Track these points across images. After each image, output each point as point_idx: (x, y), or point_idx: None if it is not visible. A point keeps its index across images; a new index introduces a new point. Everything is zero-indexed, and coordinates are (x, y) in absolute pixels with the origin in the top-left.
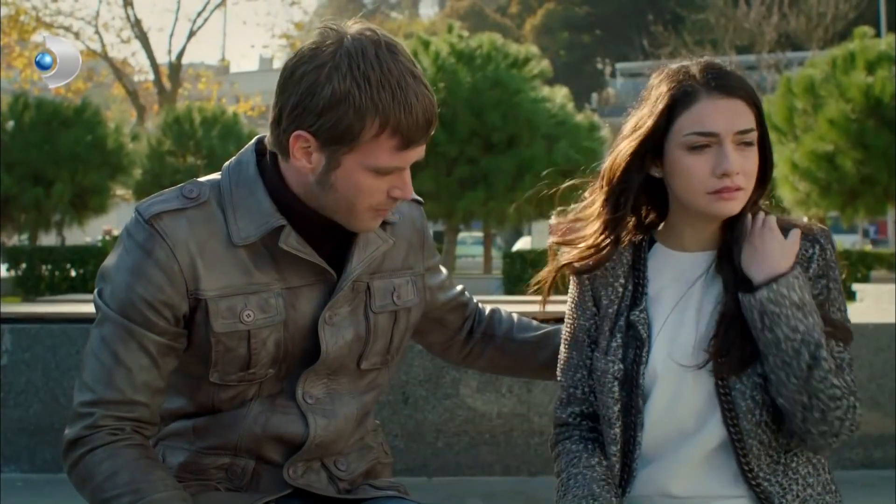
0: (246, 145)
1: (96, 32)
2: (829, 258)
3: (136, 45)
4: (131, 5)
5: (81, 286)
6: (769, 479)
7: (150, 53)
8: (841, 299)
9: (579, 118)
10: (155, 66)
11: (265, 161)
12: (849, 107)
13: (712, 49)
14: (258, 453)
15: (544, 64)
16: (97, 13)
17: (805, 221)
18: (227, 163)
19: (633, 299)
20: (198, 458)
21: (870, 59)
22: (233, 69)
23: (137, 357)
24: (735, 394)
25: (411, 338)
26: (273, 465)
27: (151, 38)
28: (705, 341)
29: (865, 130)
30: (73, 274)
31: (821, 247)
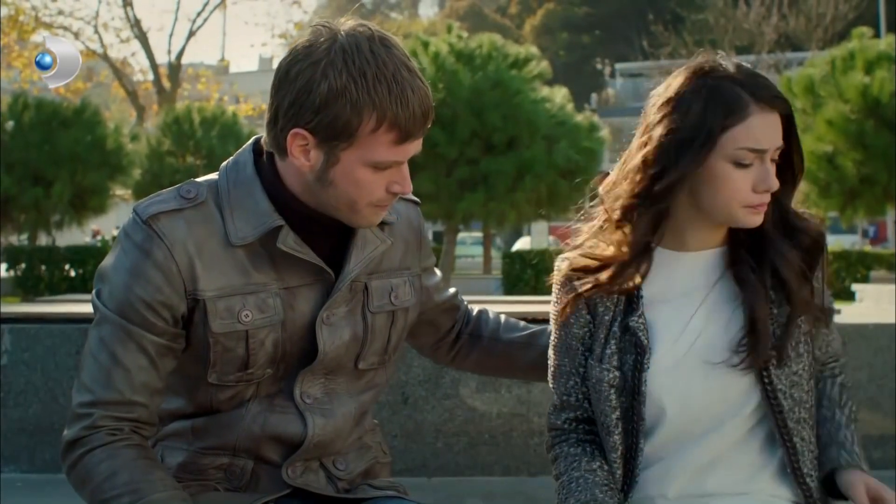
0: (243, 146)
1: (96, 32)
2: (826, 252)
3: (135, 45)
4: (131, 5)
5: (81, 286)
6: (811, 476)
7: (149, 53)
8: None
9: (579, 119)
10: (154, 66)
11: (262, 161)
12: (848, 107)
13: (712, 49)
14: (257, 453)
15: (544, 65)
16: (97, 13)
17: (807, 213)
18: (224, 163)
19: (627, 304)
20: (196, 459)
21: (869, 59)
22: (232, 69)
23: (136, 358)
24: (779, 395)
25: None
26: (272, 464)
27: (151, 39)
28: (734, 340)
29: (864, 131)
30: (72, 274)
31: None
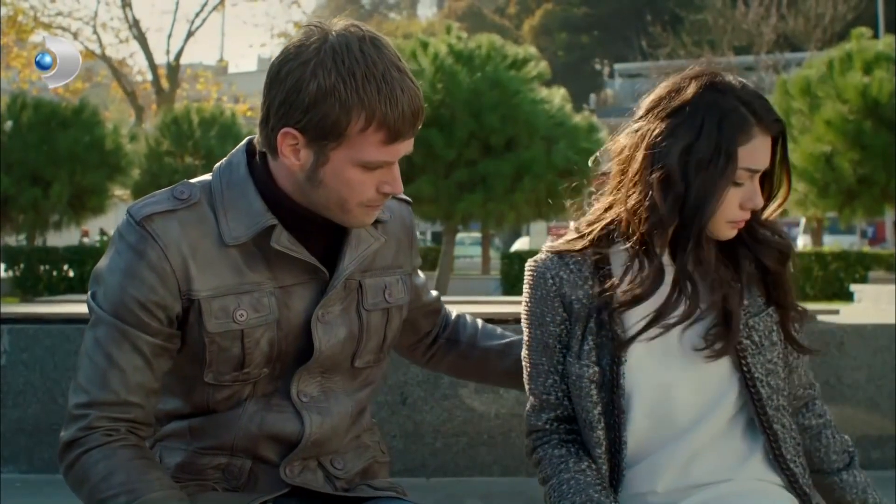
0: (237, 146)
1: (94, 33)
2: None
3: (134, 45)
4: (129, 6)
5: (80, 286)
6: (794, 461)
7: (148, 54)
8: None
9: (578, 119)
10: (153, 66)
11: (256, 161)
12: (846, 107)
13: (711, 50)
14: (254, 453)
15: (543, 65)
16: (95, 14)
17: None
18: (218, 164)
19: (601, 299)
20: (195, 459)
21: (867, 59)
22: (231, 69)
23: (131, 358)
24: (757, 384)
25: None
26: (270, 464)
27: (150, 39)
28: (707, 331)
29: (863, 131)
30: (71, 274)
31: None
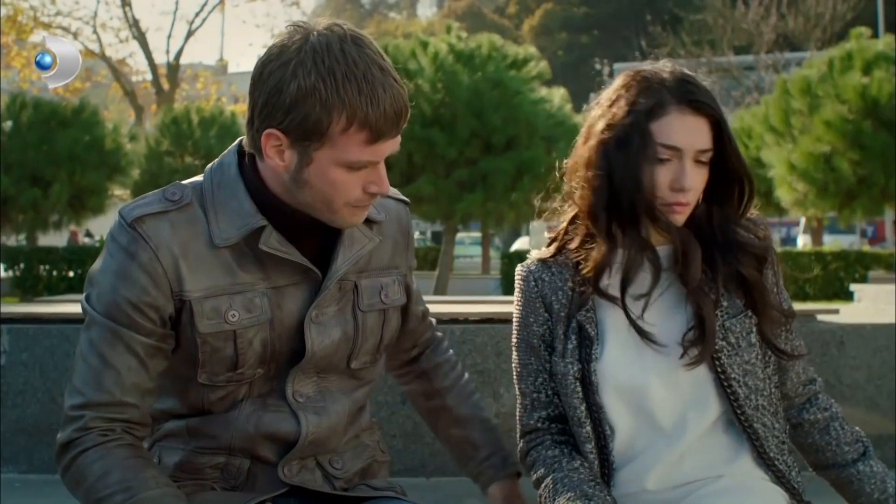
0: (229, 146)
1: (94, 32)
2: (772, 248)
3: (134, 45)
4: (129, 6)
5: (79, 286)
6: (779, 459)
7: (148, 54)
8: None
9: (578, 119)
10: (153, 66)
11: (247, 162)
12: (845, 107)
13: (710, 49)
14: (252, 452)
15: (543, 65)
16: (95, 13)
17: (753, 215)
18: (209, 164)
19: (580, 300)
20: (193, 458)
21: (867, 59)
22: (231, 69)
23: (125, 359)
24: (733, 383)
25: None
26: (268, 463)
27: (149, 39)
28: (682, 336)
29: (862, 131)
30: (70, 274)
31: (768, 238)
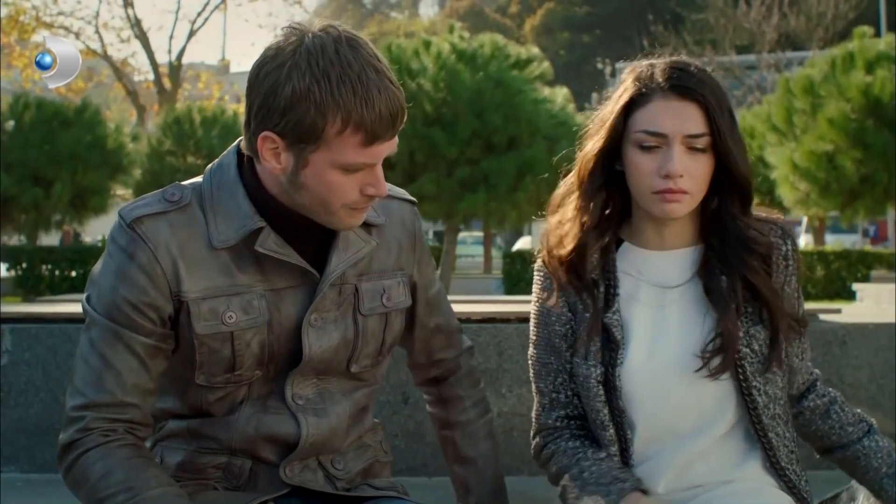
0: (228, 147)
1: (96, 32)
2: (797, 254)
3: (136, 44)
4: (131, 5)
5: (82, 286)
6: (789, 468)
7: (150, 53)
8: (800, 291)
9: (580, 119)
10: (155, 65)
11: (245, 163)
12: (848, 106)
13: (712, 49)
14: (254, 453)
15: (545, 65)
16: (97, 13)
17: (771, 215)
18: (209, 165)
19: (605, 301)
20: (195, 458)
21: (869, 58)
22: (233, 69)
23: (126, 359)
24: (754, 392)
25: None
26: (270, 464)
27: (151, 38)
28: (703, 347)
29: (865, 130)
30: (73, 274)
31: (792, 241)
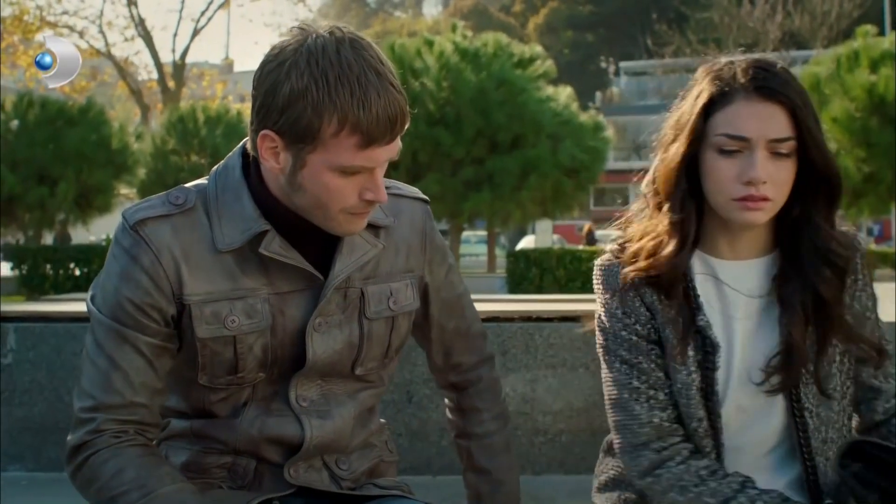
0: (234, 149)
1: (100, 31)
2: (865, 264)
3: (139, 44)
4: (135, 4)
5: (86, 285)
6: (831, 495)
7: (153, 52)
8: (877, 305)
9: (584, 118)
10: (159, 65)
11: (251, 165)
12: (853, 105)
13: (716, 48)
14: (258, 454)
15: (549, 64)
16: (101, 12)
17: (844, 229)
18: (215, 167)
19: (689, 306)
20: (200, 458)
21: (874, 57)
22: (237, 68)
23: (133, 359)
24: (805, 413)
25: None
26: (274, 464)
27: (155, 37)
28: (768, 361)
29: (869, 129)
30: (77, 273)
31: (861, 256)
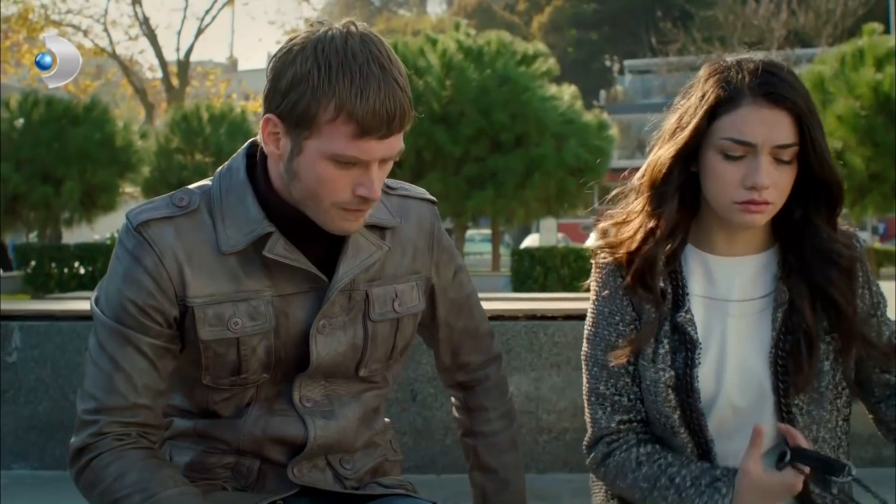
0: (238, 149)
1: (105, 30)
2: (866, 262)
3: (144, 42)
4: (139, 3)
5: (90, 284)
6: (822, 496)
7: (158, 51)
8: (885, 303)
9: (589, 117)
10: (163, 63)
11: (257, 165)
12: (858, 103)
13: (721, 46)
14: (261, 454)
15: (552, 62)
16: (106, 11)
17: (844, 228)
18: (219, 168)
19: (674, 302)
20: (204, 458)
21: (879, 55)
22: (241, 66)
23: (135, 360)
24: (794, 410)
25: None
26: (278, 464)
27: (159, 36)
28: (769, 363)
29: (874, 127)
30: (81, 271)
31: (861, 253)
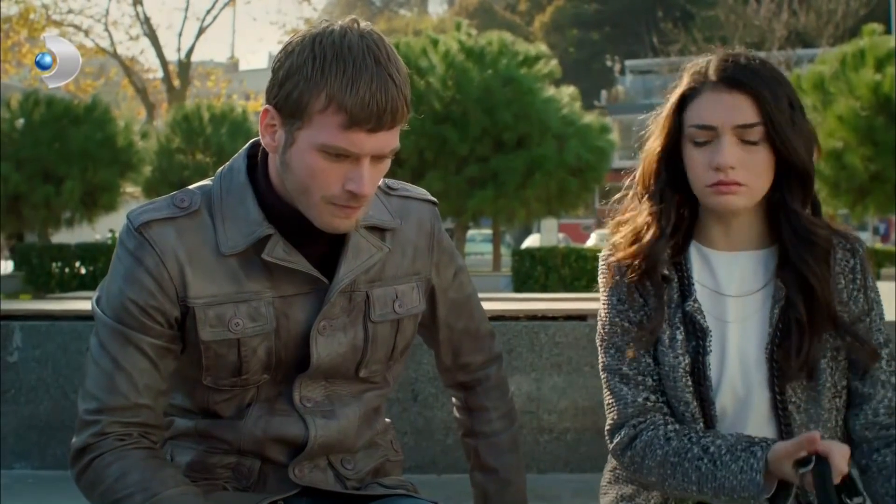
0: (239, 150)
1: (106, 30)
2: (866, 267)
3: (145, 42)
4: (140, 3)
5: (91, 283)
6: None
7: (159, 51)
8: (881, 311)
9: (590, 119)
10: (164, 63)
11: (258, 166)
12: (858, 104)
13: (722, 46)
14: (262, 454)
15: (553, 63)
16: (107, 11)
17: (839, 225)
18: (220, 168)
19: (681, 291)
20: (205, 458)
21: (879, 56)
22: (242, 66)
23: (136, 360)
24: (790, 406)
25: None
26: (279, 465)
27: (160, 36)
28: (764, 355)
29: (875, 127)
30: (83, 271)
31: (861, 259)
